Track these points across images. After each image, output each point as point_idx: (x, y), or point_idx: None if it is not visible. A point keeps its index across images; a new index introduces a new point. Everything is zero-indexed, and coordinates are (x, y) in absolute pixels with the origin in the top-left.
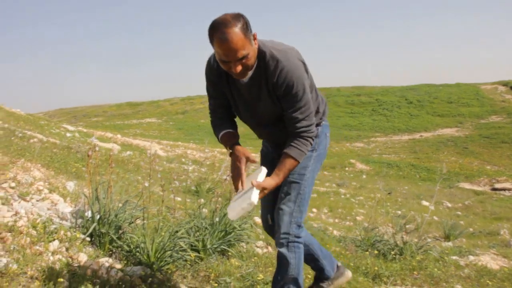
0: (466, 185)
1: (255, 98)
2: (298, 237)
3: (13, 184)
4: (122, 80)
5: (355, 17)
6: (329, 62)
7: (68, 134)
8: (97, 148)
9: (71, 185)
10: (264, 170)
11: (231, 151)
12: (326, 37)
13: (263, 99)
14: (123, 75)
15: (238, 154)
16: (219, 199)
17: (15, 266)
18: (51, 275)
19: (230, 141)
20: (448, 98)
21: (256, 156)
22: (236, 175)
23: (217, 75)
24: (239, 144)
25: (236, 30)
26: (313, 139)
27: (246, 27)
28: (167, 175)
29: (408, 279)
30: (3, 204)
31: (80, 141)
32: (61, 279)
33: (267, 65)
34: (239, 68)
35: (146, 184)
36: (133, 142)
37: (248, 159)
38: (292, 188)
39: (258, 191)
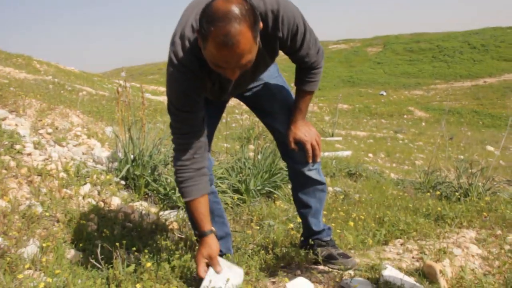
0: None
1: (254, 67)
2: None
3: (50, 130)
4: None
5: None
6: (386, 10)
7: (120, 89)
8: (127, 89)
9: (110, 130)
10: (240, 274)
11: (199, 238)
12: None
13: (263, 61)
14: None
15: (201, 257)
16: (265, 138)
17: (39, 209)
18: (77, 217)
19: (203, 224)
20: None
21: None
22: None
23: (207, 77)
24: (211, 233)
25: (244, 31)
26: (322, 64)
27: (255, 21)
28: None
29: (475, 221)
30: (35, 148)
31: (132, 95)
32: (84, 221)
33: (266, 23)
34: (236, 74)
35: None
36: None
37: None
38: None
39: (240, 280)
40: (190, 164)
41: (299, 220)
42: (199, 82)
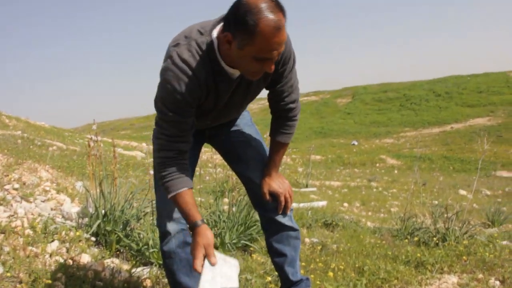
0: (504, 173)
1: (247, 87)
2: None
3: (16, 185)
4: (151, 89)
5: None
6: (354, 62)
7: (92, 144)
8: (98, 142)
9: (80, 185)
10: (236, 265)
11: (192, 230)
12: (350, 37)
13: (255, 84)
14: (152, 85)
15: (199, 248)
16: (239, 191)
17: None
18: (42, 277)
19: (194, 215)
20: (477, 88)
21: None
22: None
23: (205, 83)
24: (203, 223)
25: (282, 16)
26: (298, 117)
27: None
28: None
29: (456, 266)
30: (0, 204)
31: (103, 149)
32: (50, 281)
33: None
34: (273, 66)
35: None
36: None
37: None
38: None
39: (237, 272)
40: (175, 160)
41: (277, 273)
42: (197, 86)
